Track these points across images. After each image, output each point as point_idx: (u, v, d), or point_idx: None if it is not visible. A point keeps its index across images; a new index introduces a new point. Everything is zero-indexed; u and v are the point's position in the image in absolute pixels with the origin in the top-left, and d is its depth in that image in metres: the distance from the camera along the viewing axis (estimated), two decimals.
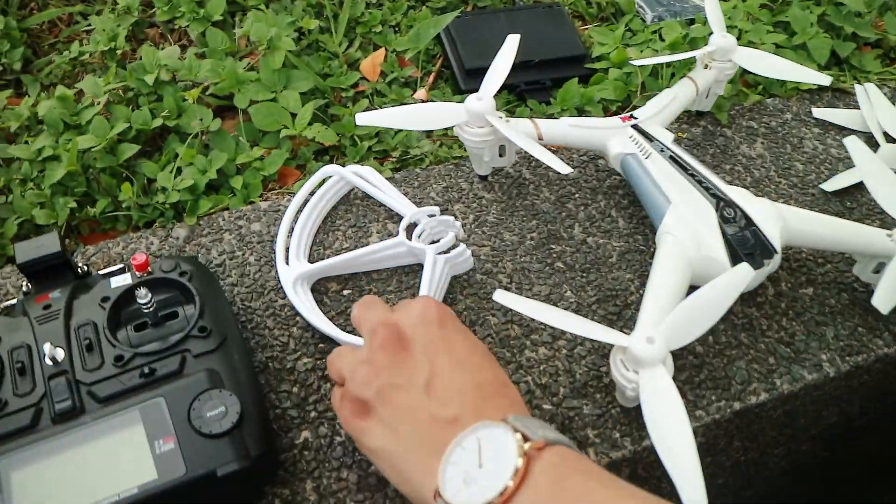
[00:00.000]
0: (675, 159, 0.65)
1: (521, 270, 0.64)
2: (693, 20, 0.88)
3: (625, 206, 0.70)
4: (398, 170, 0.71)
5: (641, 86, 0.79)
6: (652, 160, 0.65)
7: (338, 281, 0.61)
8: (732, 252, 0.59)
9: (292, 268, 0.60)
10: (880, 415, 0.73)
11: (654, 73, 0.80)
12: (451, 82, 0.82)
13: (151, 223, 0.66)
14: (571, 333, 0.57)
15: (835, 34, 0.89)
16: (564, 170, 0.60)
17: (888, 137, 0.78)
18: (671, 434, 0.48)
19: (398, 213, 0.66)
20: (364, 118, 0.64)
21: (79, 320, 0.48)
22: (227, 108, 0.76)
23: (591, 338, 0.52)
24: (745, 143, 0.78)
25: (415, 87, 0.81)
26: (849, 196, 0.74)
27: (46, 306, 0.49)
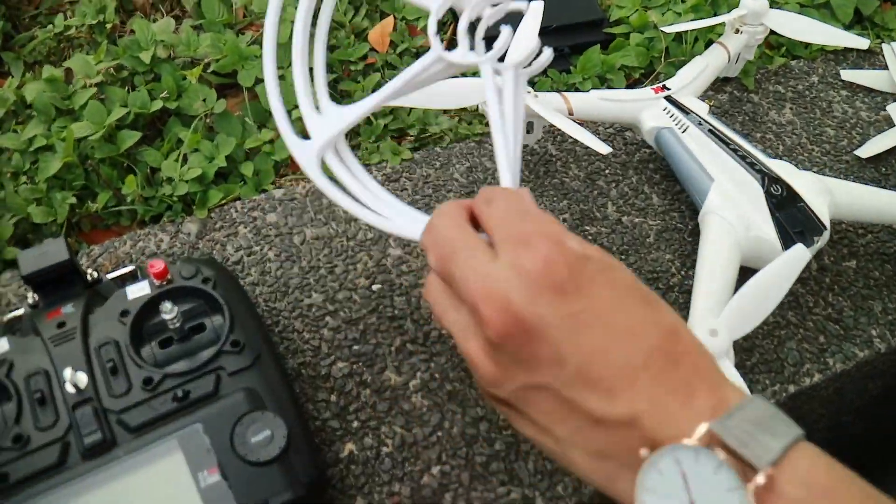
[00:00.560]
0: (714, 132, 0.61)
1: None
2: None
3: (657, 181, 0.67)
4: (417, 149, 0.67)
5: (665, 51, 0.75)
6: (689, 134, 0.61)
7: None
8: (782, 231, 0.56)
9: (329, 119, 0.45)
10: None
11: (678, 37, 0.76)
12: None
13: (158, 217, 0.61)
14: None
15: None
16: (604, 150, 0.56)
17: None
18: None
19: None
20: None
21: (98, 339, 0.44)
22: (229, 85, 0.70)
23: None
24: (773, 108, 0.75)
25: None
26: (883, 162, 0.71)
27: (60, 324, 0.44)
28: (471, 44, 0.41)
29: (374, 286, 0.57)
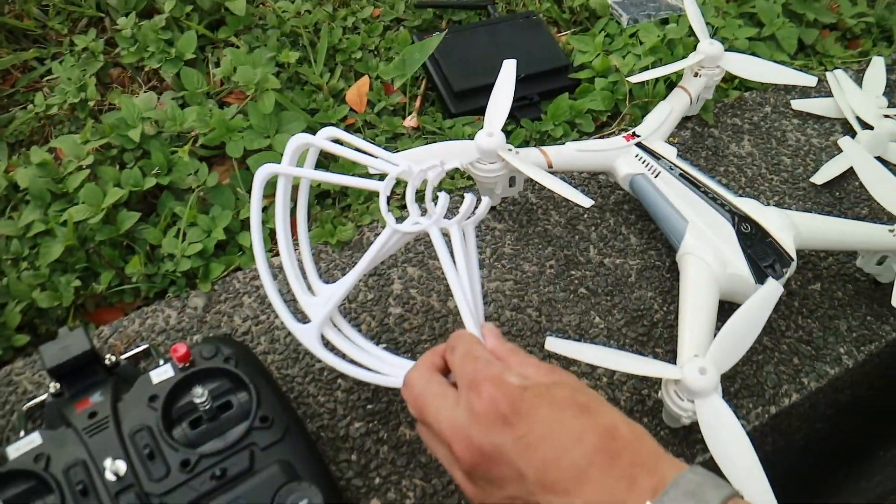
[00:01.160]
0: (684, 176, 0.66)
1: (548, 302, 0.64)
2: (667, 20, 0.88)
3: (633, 221, 0.71)
4: (405, 207, 0.70)
5: (629, 93, 0.80)
6: (662, 179, 0.66)
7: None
8: (753, 266, 0.60)
9: (320, 300, 0.51)
10: (882, 389, 0.77)
11: None
12: (437, 105, 0.81)
13: (162, 292, 0.63)
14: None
15: (798, 21, 0.92)
16: (587, 203, 0.60)
17: (862, 123, 0.81)
18: (737, 457, 0.50)
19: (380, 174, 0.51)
20: None
21: (131, 426, 0.46)
22: (216, 155, 0.73)
23: (644, 374, 0.53)
24: (732, 141, 0.80)
25: (403, 113, 0.79)
26: (836, 186, 0.77)
27: (91, 414, 0.46)
28: (421, 210, 0.49)
29: (380, 345, 0.59)
